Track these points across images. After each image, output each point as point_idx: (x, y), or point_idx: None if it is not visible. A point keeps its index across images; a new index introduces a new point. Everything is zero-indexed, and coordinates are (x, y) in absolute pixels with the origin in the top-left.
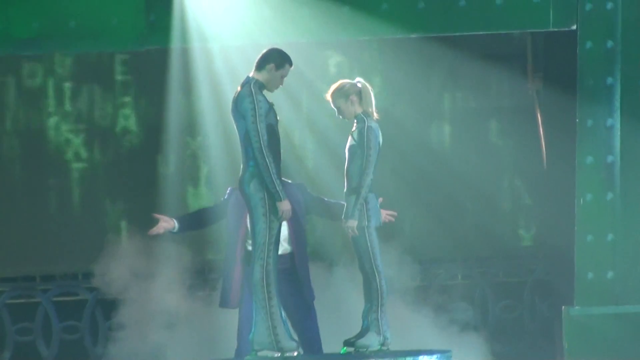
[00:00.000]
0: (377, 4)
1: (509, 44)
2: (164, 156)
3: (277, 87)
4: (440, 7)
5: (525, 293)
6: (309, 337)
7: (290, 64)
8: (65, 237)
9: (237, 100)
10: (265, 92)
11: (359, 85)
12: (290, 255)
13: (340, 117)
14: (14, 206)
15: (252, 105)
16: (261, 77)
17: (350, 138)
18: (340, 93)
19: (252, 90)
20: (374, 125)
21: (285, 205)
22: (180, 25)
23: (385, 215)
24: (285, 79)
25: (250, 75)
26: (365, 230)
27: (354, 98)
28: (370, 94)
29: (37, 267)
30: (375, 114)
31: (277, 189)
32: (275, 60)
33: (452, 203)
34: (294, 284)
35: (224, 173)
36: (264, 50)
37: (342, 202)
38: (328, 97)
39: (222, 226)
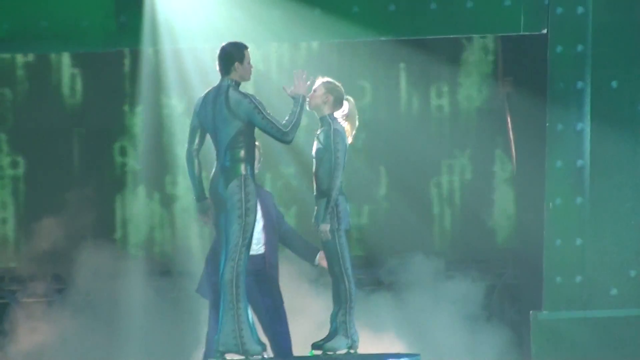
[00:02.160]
0: (348, 6)
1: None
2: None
3: (250, 74)
4: (411, 10)
5: (494, 297)
6: (279, 340)
7: (247, 47)
8: None
9: (229, 104)
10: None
11: (347, 101)
12: (262, 257)
13: (308, 98)
14: None
15: (253, 105)
16: (233, 76)
17: (316, 142)
18: (328, 86)
19: (242, 92)
20: (340, 127)
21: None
22: (150, 26)
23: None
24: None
25: (225, 78)
26: (335, 233)
27: (330, 99)
28: (354, 114)
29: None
30: (350, 136)
31: None
32: (234, 56)
33: (422, 205)
34: (265, 286)
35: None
36: (218, 54)
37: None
38: (320, 79)
39: None
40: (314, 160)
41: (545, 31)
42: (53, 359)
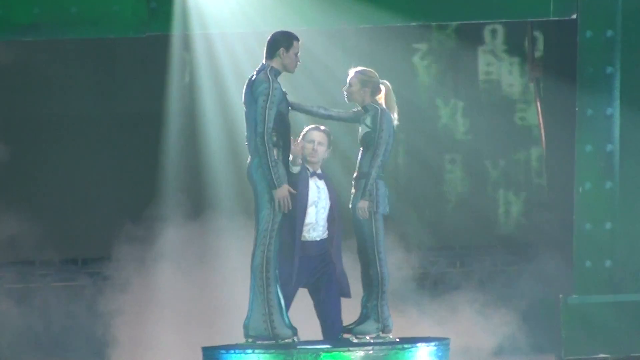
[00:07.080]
0: None
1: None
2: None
3: (295, 66)
4: None
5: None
6: (331, 319)
7: (298, 40)
8: None
9: (253, 85)
10: (285, 74)
11: (382, 85)
12: (326, 241)
13: (345, 92)
14: None
15: (267, 91)
16: (275, 63)
17: (362, 127)
18: (361, 78)
19: (269, 77)
20: (387, 110)
21: (280, 193)
22: (181, 12)
23: None
24: (300, 55)
25: (264, 62)
26: (372, 216)
27: (367, 92)
28: (390, 97)
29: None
30: (395, 118)
31: (273, 176)
32: (282, 43)
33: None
34: (331, 268)
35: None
36: (269, 37)
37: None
38: (353, 70)
39: None
40: (360, 146)
41: (574, 16)
42: None
